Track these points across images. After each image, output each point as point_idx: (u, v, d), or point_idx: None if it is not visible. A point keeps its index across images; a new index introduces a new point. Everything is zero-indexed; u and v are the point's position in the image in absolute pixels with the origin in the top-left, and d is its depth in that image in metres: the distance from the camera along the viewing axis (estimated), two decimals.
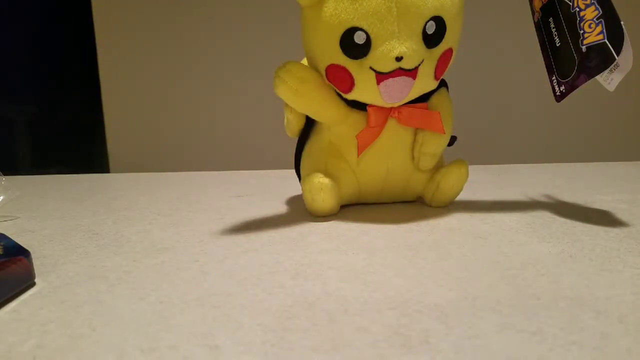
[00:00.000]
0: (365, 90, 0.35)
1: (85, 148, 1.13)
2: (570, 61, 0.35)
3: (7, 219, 0.44)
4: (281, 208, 0.45)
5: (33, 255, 0.27)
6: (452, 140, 0.42)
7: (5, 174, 0.45)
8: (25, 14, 1.05)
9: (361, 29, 0.33)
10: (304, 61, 0.41)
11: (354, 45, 0.33)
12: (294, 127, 0.44)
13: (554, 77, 0.37)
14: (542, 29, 0.38)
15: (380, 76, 0.34)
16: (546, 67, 0.38)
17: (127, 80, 1.06)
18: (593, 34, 0.33)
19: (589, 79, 0.34)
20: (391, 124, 0.38)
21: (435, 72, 0.35)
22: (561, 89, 0.36)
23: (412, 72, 0.34)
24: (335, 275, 0.25)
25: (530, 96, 1.01)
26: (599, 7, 0.32)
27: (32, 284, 0.25)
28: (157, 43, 1.04)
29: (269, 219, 0.41)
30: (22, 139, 1.12)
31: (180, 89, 1.06)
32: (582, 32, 0.33)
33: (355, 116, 0.39)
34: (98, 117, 1.06)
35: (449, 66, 0.37)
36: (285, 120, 0.44)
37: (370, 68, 0.34)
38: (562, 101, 0.37)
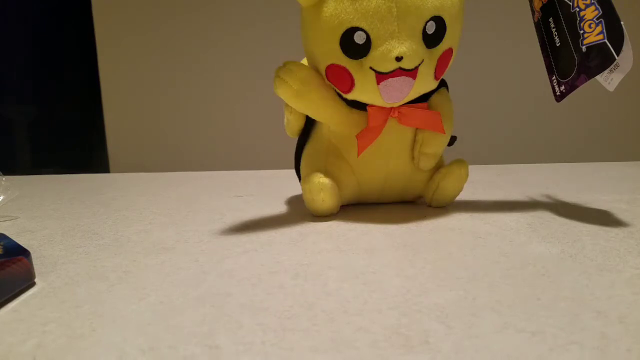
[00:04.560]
0: (365, 90, 0.35)
1: (85, 148, 1.13)
2: (570, 61, 0.35)
3: (7, 218, 0.44)
4: (281, 208, 0.45)
5: (33, 255, 0.27)
6: (452, 140, 0.42)
7: (5, 174, 0.45)
8: (25, 14, 1.05)
9: (361, 29, 0.33)
10: (304, 61, 0.41)
11: (354, 45, 0.33)
12: (294, 127, 0.44)
13: (554, 77, 0.37)
14: (542, 29, 0.38)
15: (380, 76, 0.34)
16: (546, 67, 0.38)
17: (127, 80, 1.05)
18: (593, 34, 0.33)
19: (589, 79, 0.34)
20: (391, 124, 0.38)
21: (435, 72, 0.35)
22: (561, 89, 0.36)
23: (412, 72, 0.34)
24: (335, 275, 0.25)
25: (530, 96, 1.01)
26: (599, 7, 0.32)
27: (32, 284, 0.25)
28: (157, 43, 1.04)
29: (269, 219, 0.41)
30: (22, 139, 1.12)
31: (180, 89, 1.06)
32: (582, 32, 0.33)
33: (355, 116, 0.39)
34: (98, 117, 1.06)
35: (449, 66, 0.37)
36: (285, 120, 0.44)
37: (370, 68, 0.34)
38: (562, 101, 0.37)
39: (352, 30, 0.33)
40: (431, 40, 0.34)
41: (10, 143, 1.10)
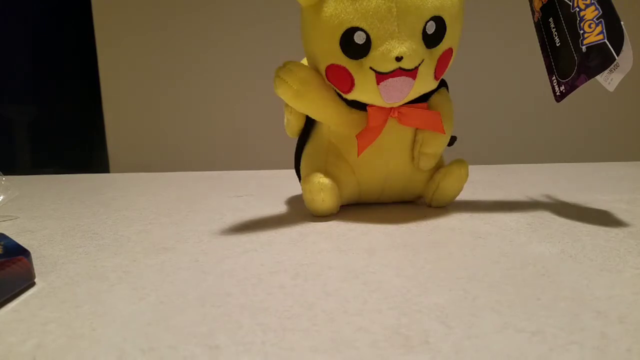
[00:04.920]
0: (365, 90, 0.35)
1: (85, 148, 1.13)
2: (570, 61, 0.35)
3: (6, 218, 0.44)
4: (281, 208, 0.45)
5: (33, 255, 0.27)
6: (452, 140, 0.42)
7: (5, 174, 0.45)
8: (25, 14, 1.05)
9: (361, 29, 0.33)
10: (304, 61, 0.41)
11: (353, 45, 0.33)
12: (294, 127, 0.44)
13: (554, 77, 0.37)
14: (542, 29, 0.38)
15: (380, 76, 0.34)
16: (546, 67, 0.38)
17: (127, 80, 1.05)
18: (593, 34, 0.33)
19: (588, 79, 0.34)
20: (391, 124, 0.38)
21: (435, 72, 0.35)
22: (561, 89, 0.36)
23: (412, 72, 0.34)
24: (335, 275, 0.25)
25: (530, 96, 1.01)
26: (599, 7, 0.32)
27: (32, 284, 0.25)
28: (157, 43, 1.04)
29: (269, 219, 0.41)
30: (22, 139, 1.12)
31: (181, 89, 1.06)
32: (582, 32, 0.33)
33: (355, 116, 0.39)
34: (98, 117, 1.06)
35: (449, 66, 0.37)
36: (285, 120, 0.44)
37: (370, 68, 0.34)
38: (562, 101, 0.37)
39: (352, 30, 0.33)
40: (431, 40, 0.34)
41: (10, 143, 1.10)
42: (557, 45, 0.36)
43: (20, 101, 1.11)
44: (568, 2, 0.34)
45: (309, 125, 0.43)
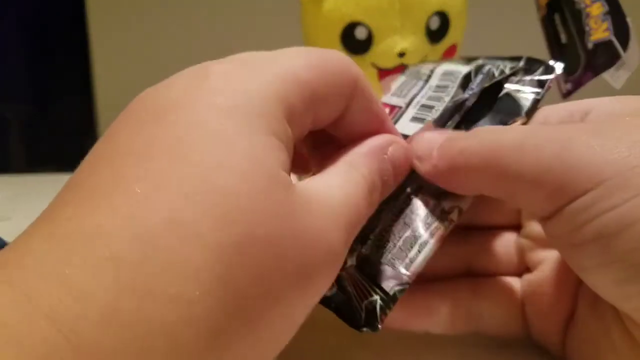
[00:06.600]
0: None
1: (79, 147, 1.12)
2: (576, 58, 0.34)
3: None
4: None
5: None
6: None
7: None
8: (18, 12, 1.05)
9: (362, 24, 0.32)
10: None
11: (355, 40, 0.33)
12: None
13: (560, 75, 0.37)
14: (547, 25, 0.38)
15: (383, 72, 0.33)
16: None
17: (122, 78, 1.05)
18: (599, 31, 0.32)
19: (595, 76, 0.33)
20: None
21: None
22: (567, 86, 0.36)
23: None
24: None
25: None
26: (605, 3, 0.32)
27: None
28: (154, 40, 1.03)
29: None
30: (15, 137, 1.11)
31: None
32: (588, 28, 0.33)
33: None
34: (93, 116, 1.06)
35: None
36: None
37: (372, 64, 0.33)
38: (568, 98, 0.36)
39: (353, 25, 0.32)
40: (434, 36, 0.33)
41: (4, 141, 1.09)
42: (563, 42, 0.36)
43: (14, 99, 1.10)
44: None
45: None
